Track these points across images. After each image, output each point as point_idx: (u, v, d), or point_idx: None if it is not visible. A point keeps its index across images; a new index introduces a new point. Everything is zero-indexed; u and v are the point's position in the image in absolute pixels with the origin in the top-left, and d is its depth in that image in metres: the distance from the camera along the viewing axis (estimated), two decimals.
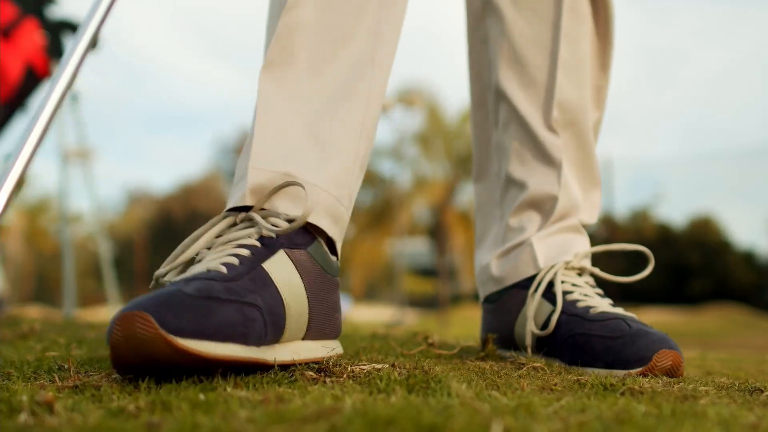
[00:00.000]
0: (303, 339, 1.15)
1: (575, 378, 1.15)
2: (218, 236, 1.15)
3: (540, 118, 1.53)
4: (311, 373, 1.07)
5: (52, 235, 30.14)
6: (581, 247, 1.52)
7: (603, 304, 1.41)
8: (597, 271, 1.51)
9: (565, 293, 1.43)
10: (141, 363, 0.91)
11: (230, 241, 1.12)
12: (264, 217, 1.15)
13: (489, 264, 1.57)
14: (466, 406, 0.81)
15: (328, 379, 1.05)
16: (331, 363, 1.13)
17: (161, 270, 1.13)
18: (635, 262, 1.46)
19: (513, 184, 1.57)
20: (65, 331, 2.01)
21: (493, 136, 1.64)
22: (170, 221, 31.70)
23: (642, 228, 26.30)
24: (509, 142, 1.57)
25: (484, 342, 1.49)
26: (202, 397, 0.85)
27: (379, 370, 1.10)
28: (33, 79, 4.22)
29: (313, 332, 1.17)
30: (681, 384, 1.13)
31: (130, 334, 0.88)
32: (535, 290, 1.46)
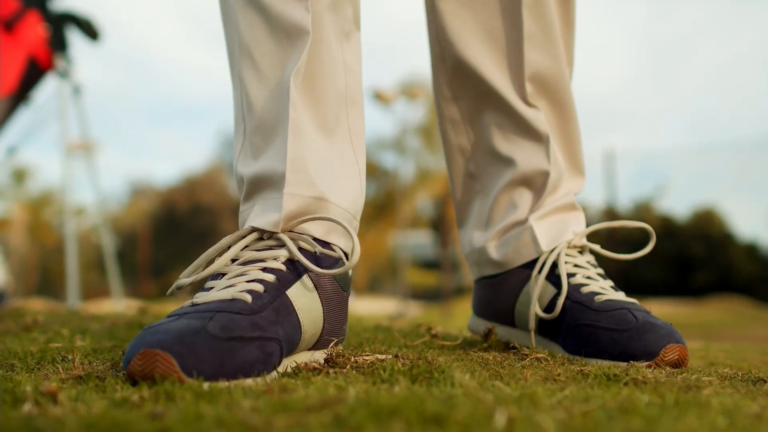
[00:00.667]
0: (309, 350, 1.16)
1: (578, 368, 1.15)
2: (245, 248, 1.15)
3: (515, 94, 1.49)
4: (315, 363, 1.07)
5: (56, 228, 30.16)
6: (579, 225, 1.49)
7: (607, 288, 1.39)
8: (597, 248, 1.48)
9: (568, 276, 1.42)
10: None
11: (256, 261, 1.13)
12: (293, 239, 1.16)
13: (485, 247, 1.55)
14: (469, 396, 0.81)
15: (331, 370, 1.05)
16: (334, 354, 1.13)
17: (183, 281, 1.13)
18: (636, 249, 1.43)
19: (497, 158, 1.54)
20: (69, 323, 2.01)
21: (446, 109, 1.60)
22: (174, 214, 31.72)
23: (645, 220, 26.27)
24: (487, 117, 1.54)
25: (487, 333, 1.49)
26: (205, 387, 0.85)
27: (382, 360, 1.10)
28: (36, 71, 4.22)
29: (320, 345, 1.18)
30: (684, 374, 1.13)
31: (149, 371, 0.89)
32: (539, 272, 1.44)
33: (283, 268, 1.11)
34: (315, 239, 1.17)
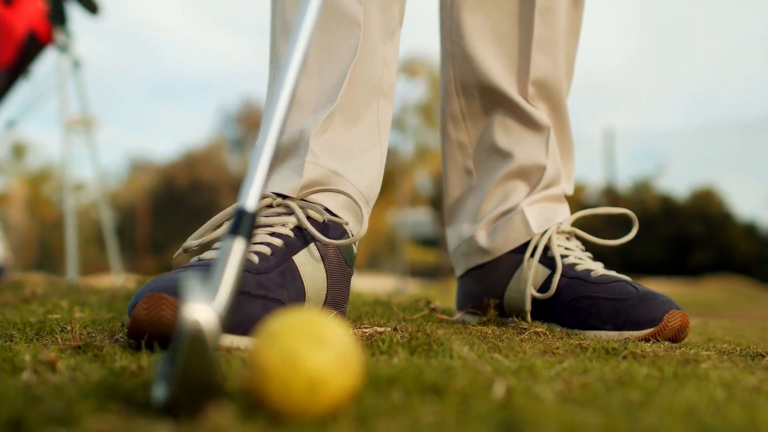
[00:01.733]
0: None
1: (577, 342, 1.15)
2: None
3: (519, 94, 1.52)
4: None
5: (55, 203, 30.18)
6: (566, 215, 1.52)
7: (599, 267, 1.40)
8: (584, 234, 1.50)
9: (561, 257, 1.43)
10: (157, 338, 0.91)
11: (264, 226, 1.14)
12: (302, 208, 1.17)
13: (474, 236, 1.55)
14: (468, 367, 0.81)
15: None
16: None
17: (191, 242, 1.14)
18: (638, 234, 1.43)
19: (496, 153, 1.56)
20: (68, 296, 2.01)
21: (449, 105, 1.62)
22: (173, 190, 31.70)
23: (644, 199, 26.25)
24: (490, 113, 1.56)
25: (486, 307, 1.49)
26: None
27: (381, 333, 1.10)
28: (35, 45, 4.21)
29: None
30: (683, 349, 1.13)
31: (154, 315, 0.90)
32: (532, 255, 1.45)
33: (291, 234, 1.13)
34: (326, 210, 1.19)
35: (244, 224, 0.72)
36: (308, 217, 1.16)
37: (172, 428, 0.55)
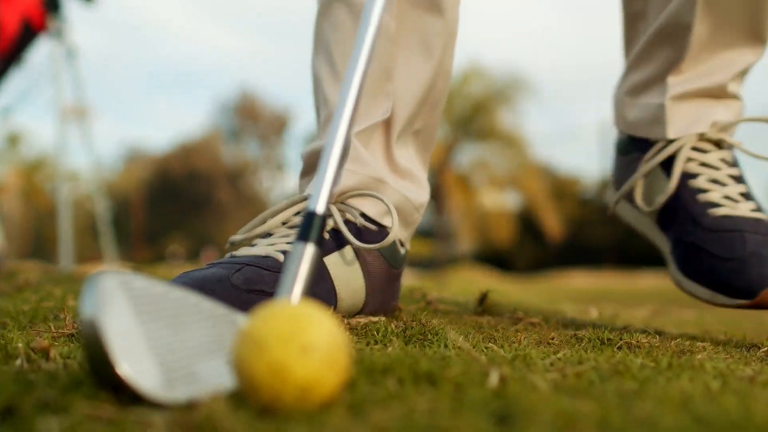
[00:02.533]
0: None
1: (572, 332, 1.15)
2: (297, 213, 1.17)
3: None
4: None
5: (50, 193, 30.11)
6: (726, 114, 1.31)
7: (733, 197, 1.24)
8: (739, 144, 1.29)
9: (688, 176, 1.27)
10: None
11: (296, 226, 1.15)
12: (340, 211, 1.17)
13: (623, 100, 1.40)
14: (462, 357, 0.80)
15: None
16: None
17: (236, 237, 1.17)
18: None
19: None
20: (61, 284, 2.01)
21: None
22: (168, 181, 31.66)
23: None
24: None
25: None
26: None
27: (375, 322, 1.10)
28: (29, 33, 4.19)
29: (365, 314, 1.21)
30: (678, 339, 1.13)
31: None
32: (651, 159, 1.32)
33: (326, 236, 1.14)
34: (364, 216, 1.18)
35: (314, 228, 0.73)
36: (345, 221, 1.17)
37: (165, 416, 0.55)
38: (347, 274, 1.14)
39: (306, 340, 0.57)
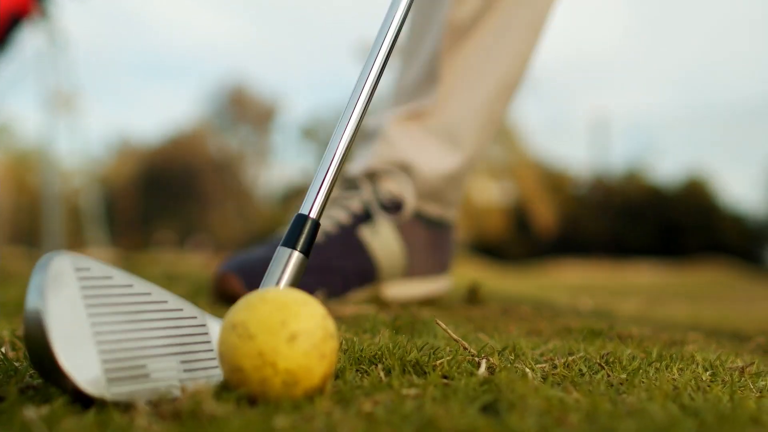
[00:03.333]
0: (404, 277, 1.35)
1: (563, 323, 1.14)
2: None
3: None
4: None
5: (38, 184, 30.00)
6: None
7: None
8: None
9: None
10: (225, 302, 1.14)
11: (339, 198, 1.32)
12: (372, 185, 1.33)
13: None
14: (452, 346, 0.80)
15: None
16: None
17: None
18: (627, 223, 1.41)
19: None
20: None
21: None
22: (158, 169, 31.51)
23: (637, 185, 26.30)
24: None
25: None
26: None
27: (365, 312, 1.10)
28: (16, 18, 4.16)
29: (415, 274, 1.36)
30: (670, 331, 1.12)
31: (222, 289, 1.17)
32: None
33: (359, 208, 1.29)
34: (387, 191, 1.33)
35: (305, 235, 0.72)
36: (377, 196, 1.31)
37: (149, 404, 0.54)
38: (385, 245, 1.28)
39: (294, 329, 0.57)
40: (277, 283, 0.69)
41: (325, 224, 1.23)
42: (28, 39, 4.69)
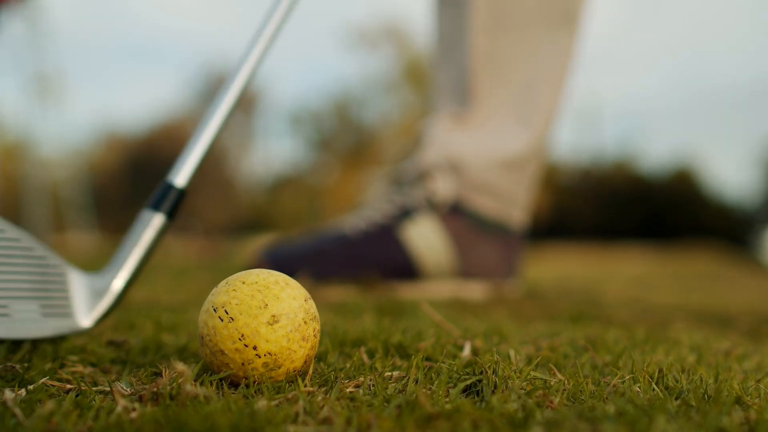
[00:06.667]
0: (454, 276, 1.35)
1: (550, 307, 1.14)
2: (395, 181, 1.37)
3: None
4: None
5: (22, 175, 29.83)
6: None
7: None
8: None
9: None
10: None
11: (383, 196, 1.36)
12: (422, 182, 1.35)
13: None
14: (436, 329, 0.80)
15: None
16: None
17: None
18: (615, 210, 1.41)
19: None
20: None
21: None
22: (143, 158, 31.41)
23: (626, 171, 26.34)
24: None
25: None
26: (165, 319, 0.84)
27: (350, 297, 1.09)
28: None
29: (468, 275, 1.35)
30: (656, 313, 1.12)
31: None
32: None
33: (402, 203, 1.31)
34: (433, 190, 1.35)
35: (168, 199, 0.75)
36: (425, 193, 1.33)
37: (129, 384, 0.54)
38: (428, 241, 1.30)
39: (275, 311, 0.56)
40: (138, 243, 0.72)
41: (364, 221, 1.29)
42: (9, 23, 4.64)
